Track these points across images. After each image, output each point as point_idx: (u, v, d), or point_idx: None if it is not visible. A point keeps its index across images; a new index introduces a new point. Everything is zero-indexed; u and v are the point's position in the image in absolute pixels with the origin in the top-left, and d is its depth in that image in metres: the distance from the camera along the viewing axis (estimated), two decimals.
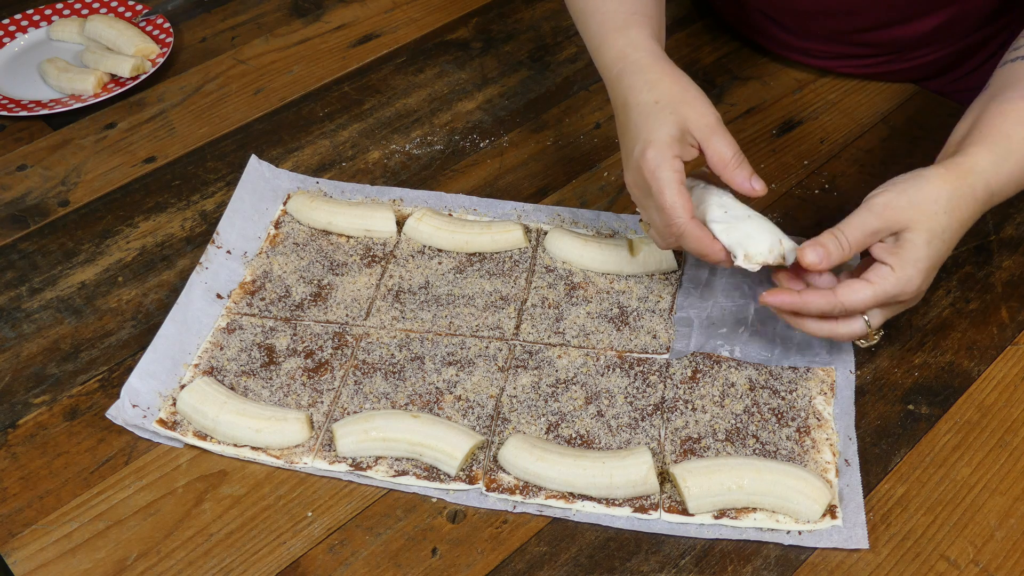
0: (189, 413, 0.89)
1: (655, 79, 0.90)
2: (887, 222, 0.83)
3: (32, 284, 1.04)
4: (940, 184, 0.84)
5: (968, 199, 0.84)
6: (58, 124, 1.23)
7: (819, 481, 0.81)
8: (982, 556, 0.79)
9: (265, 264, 1.03)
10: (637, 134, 0.89)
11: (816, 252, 0.83)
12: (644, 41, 0.94)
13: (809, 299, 0.83)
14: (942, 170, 0.85)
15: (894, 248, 0.83)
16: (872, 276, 0.83)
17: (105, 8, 1.38)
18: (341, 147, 1.18)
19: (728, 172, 0.88)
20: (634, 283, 1.00)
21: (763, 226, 0.87)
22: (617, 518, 0.82)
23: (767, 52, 1.26)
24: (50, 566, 0.81)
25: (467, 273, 1.01)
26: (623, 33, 0.94)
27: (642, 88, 0.90)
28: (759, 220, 0.88)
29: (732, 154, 0.88)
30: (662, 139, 0.87)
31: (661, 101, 0.89)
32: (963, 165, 0.85)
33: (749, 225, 0.87)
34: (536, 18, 1.36)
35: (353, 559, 0.81)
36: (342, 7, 1.39)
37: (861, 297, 0.82)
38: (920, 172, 0.85)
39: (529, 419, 0.89)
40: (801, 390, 0.90)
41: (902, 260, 0.82)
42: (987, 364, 0.92)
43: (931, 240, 0.82)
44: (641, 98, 0.90)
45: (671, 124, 0.87)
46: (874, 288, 0.82)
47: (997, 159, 0.86)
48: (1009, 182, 0.87)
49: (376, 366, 0.93)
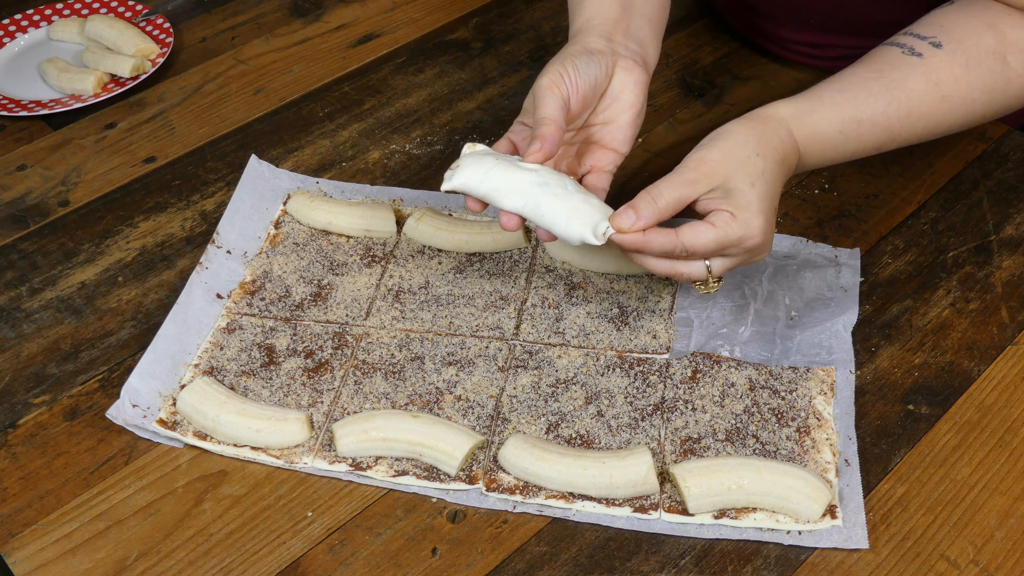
0: (189, 413, 0.89)
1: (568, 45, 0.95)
2: (703, 174, 0.84)
3: (32, 284, 1.04)
4: (744, 131, 0.87)
5: (776, 141, 0.87)
6: (58, 124, 1.23)
7: (819, 481, 0.81)
8: (982, 556, 0.79)
9: (265, 264, 1.03)
10: None
11: (627, 216, 0.83)
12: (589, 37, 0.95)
13: (652, 238, 0.84)
14: (743, 119, 0.88)
15: (725, 198, 0.84)
16: (713, 219, 0.84)
17: (105, 8, 1.38)
18: (341, 147, 1.18)
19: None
20: (634, 283, 1.00)
21: (483, 163, 0.86)
22: (617, 518, 0.82)
23: (767, 52, 1.26)
24: (50, 566, 0.81)
25: (467, 273, 1.01)
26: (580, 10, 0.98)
27: None
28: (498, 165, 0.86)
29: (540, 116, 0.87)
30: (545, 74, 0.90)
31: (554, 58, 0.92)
32: (761, 114, 0.89)
33: (486, 159, 0.87)
34: (536, 18, 1.36)
35: (353, 559, 0.81)
36: (342, 7, 1.39)
37: (703, 240, 0.83)
38: (723, 126, 0.88)
39: (529, 419, 0.89)
40: (801, 390, 0.90)
41: (736, 204, 0.84)
42: (987, 364, 0.92)
43: (754, 182, 0.84)
44: None
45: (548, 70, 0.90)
46: (716, 231, 0.83)
47: (799, 112, 0.90)
48: (815, 139, 0.90)
49: (376, 366, 0.93)
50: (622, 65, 0.93)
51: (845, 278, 0.99)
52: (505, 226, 0.87)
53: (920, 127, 0.93)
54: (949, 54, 0.91)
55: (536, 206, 0.85)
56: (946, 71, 0.91)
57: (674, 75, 1.25)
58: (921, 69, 0.91)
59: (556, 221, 0.85)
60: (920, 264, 1.01)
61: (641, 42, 0.97)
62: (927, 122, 0.93)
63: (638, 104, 0.93)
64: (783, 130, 0.88)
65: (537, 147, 0.85)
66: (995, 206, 1.06)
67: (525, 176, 0.86)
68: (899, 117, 0.92)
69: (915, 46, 0.92)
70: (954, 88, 0.91)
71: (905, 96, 0.91)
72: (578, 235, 0.85)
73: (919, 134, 0.94)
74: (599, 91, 0.92)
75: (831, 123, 0.90)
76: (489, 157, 0.87)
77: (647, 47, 0.97)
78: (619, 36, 0.95)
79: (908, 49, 0.92)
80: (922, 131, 0.93)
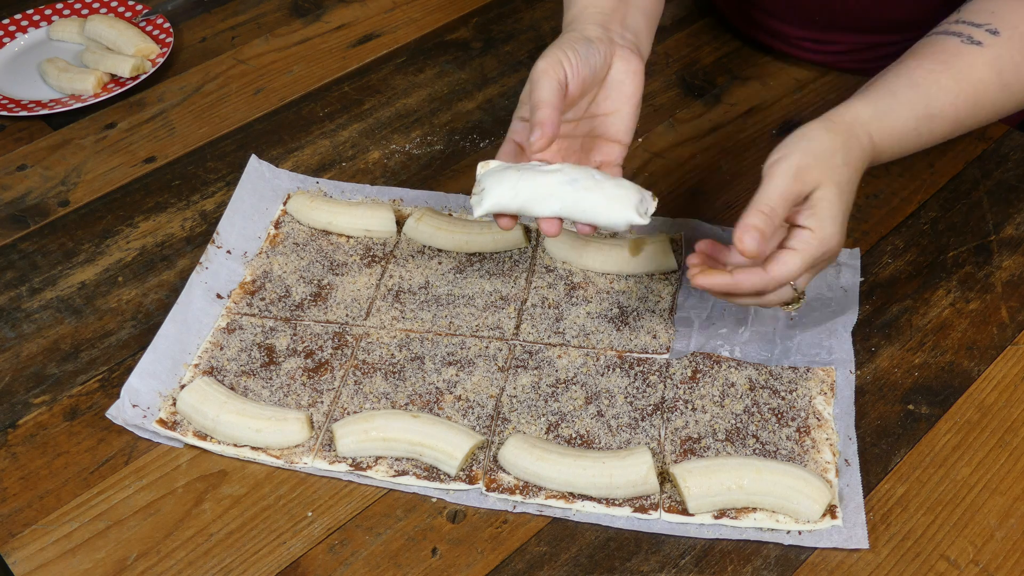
0: (189, 413, 0.89)
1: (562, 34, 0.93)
2: (804, 184, 0.83)
3: (32, 284, 1.04)
4: (831, 139, 0.85)
5: (857, 150, 0.87)
6: (58, 124, 1.23)
7: (819, 481, 0.81)
8: (982, 556, 0.79)
9: (265, 264, 1.03)
10: None
11: (753, 237, 0.80)
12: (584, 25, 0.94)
13: (741, 280, 0.82)
14: (828, 124, 0.87)
15: (807, 210, 0.83)
16: (796, 244, 0.83)
17: (105, 8, 1.38)
18: (341, 147, 1.18)
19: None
20: (634, 283, 1.00)
21: (512, 180, 0.85)
22: (617, 518, 0.82)
23: (768, 51, 1.26)
24: (50, 566, 0.81)
25: (467, 273, 1.01)
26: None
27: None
28: (522, 177, 0.85)
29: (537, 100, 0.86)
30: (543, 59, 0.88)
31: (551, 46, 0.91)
32: (845, 117, 0.88)
33: (508, 174, 0.85)
34: (536, 18, 1.36)
35: (353, 559, 0.81)
36: (342, 7, 1.39)
37: (791, 267, 0.82)
38: (807, 132, 0.86)
39: (529, 419, 0.89)
40: (801, 390, 0.90)
41: (820, 219, 0.82)
42: (987, 364, 0.92)
43: (840, 194, 0.84)
44: None
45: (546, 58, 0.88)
46: (801, 255, 0.82)
47: (878, 113, 0.89)
48: (892, 137, 0.90)
49: (376, 366, 0.93)
50: (620, 55, 0.92)
51: (845, 278, 0.99)
52: (548, 232, 0.85)
53: (983, 115, 0.94)
54: (1007, 40, 0.92)
55: (574, 204, 0.84)
56: (1007, 58, 0.92)
57: (674, 75, 1.25)
58: (983, 58, 0.92)
59: (597, 213, 0.84)
60: (920, 264, 1.01)
61: (636, 33, 0.96)
62: (990, 110, 0.94)
63: (638, 95, 0.93)
64: (864, 136, 0.88)
65: (537, 135, 0.84)
66: (995, 206, 1.06)
67: (552, 178, 0.84)
68: (967, 107, 0.92)
69: (972, 34, 0.93)
70: (1015, 75, 0.93)
71: (971, 87, 0.92)
72: (624, 219, 0.84)
73: (982, 121, 0.95)
74: (598, 78, 0.91)
75: (907, 121, 0.90)
76: (509, 171, 0.86)
77: (641, 39, 0.97)
78: (616, 26, 0.94)
79: (966, 38, 0.92)
80: (984, 118, 0.95)
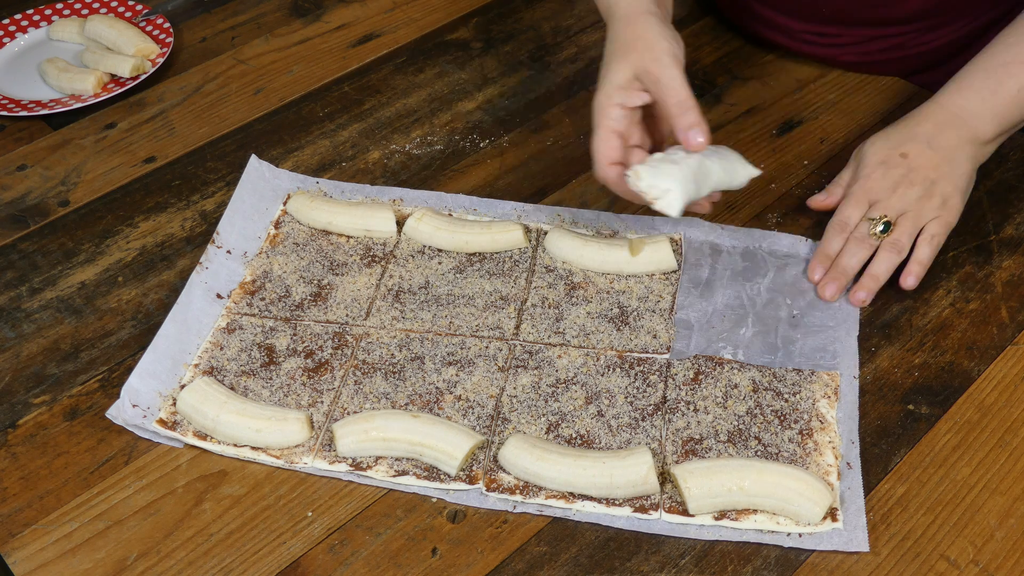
0: (189, 413, 0.89)
1: (620, 29, 0.95)
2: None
3: (32, 284, 1.04)
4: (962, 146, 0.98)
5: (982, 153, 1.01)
6: (58, 124, 1.23)
7: (820, 483, 0.81)
8: (982, 556, 0.79)
9: (265, 264, 1.03)
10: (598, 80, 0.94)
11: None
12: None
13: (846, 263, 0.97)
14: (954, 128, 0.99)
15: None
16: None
17: (105, 8, 1.38)
18: (341, 147, 1.18)
19: (670, 121, 0.91)
20: (634, 283, 1.00)
21: (673, 172, 0.89)
22: (617, 518, 0.82)
23: (769, 50, 1.26)
24: (50, 566, 0.81)
25: (467, 273, 1.01)
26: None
27: (609, 39, 0.95)
28: (680, 168, 0.89)
29: (673, 102, 0.90)
30: (606, 87, 0.92)
31: (616, 51, 0.93)
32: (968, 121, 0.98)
33: (666, 165, 0.89)
34: (536, 18, 1.36)
35: (353, 559, 0.81)
36: (342, 7, 1.39)
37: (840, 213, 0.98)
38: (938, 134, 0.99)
39: (529, 419, 0.89)
40: (805, 393, 0.90)
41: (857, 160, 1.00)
42: (987, 364, 0.92)
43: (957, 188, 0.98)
44: (608, 47, 0.95)
45: (618, 71, 0.92)
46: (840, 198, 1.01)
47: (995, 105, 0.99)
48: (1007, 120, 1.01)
49: (376, 366, 0.93)
50: None
51: None
52: (712, 202, 0.95)
53: None
54: None
55: (719, 177, 0.93)
56: None
57: None
58: None
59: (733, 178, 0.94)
60: None
61: (669, 13, 1.01)
62: None
63: None
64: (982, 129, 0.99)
65: (702, 137, 0.89)
66: (995, 206, 1.06)
67: (695, 160, 0.91)
68: None
69: None
70: None
71: None
72: (750, 174, 0.96)
73: None
74: None
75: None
76: (664, 165, 0.90)
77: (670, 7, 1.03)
78: (663, 9, 0.98)
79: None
80: None
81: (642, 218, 1.06)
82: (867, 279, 0.96)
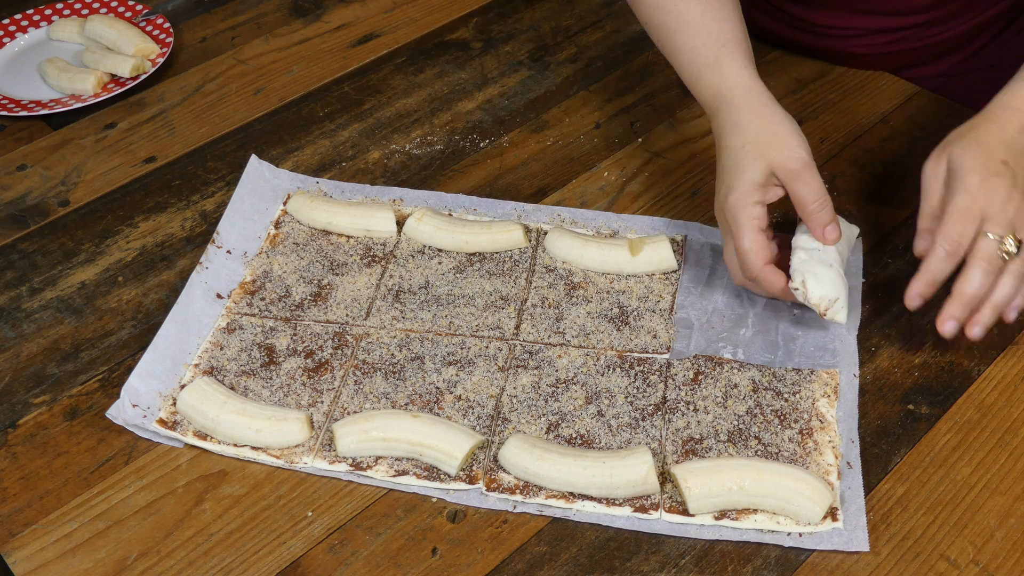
0: (189, 413, 0.89)
1: (745, 120, 0.92)
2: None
3: (32, 284, 1.04)
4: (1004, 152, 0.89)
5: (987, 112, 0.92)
6: (58, 124, 1.23)
7: (820, 483, 0.81)
8: (982, 556, 0.79)
9: (265, 264, 1.03)
10: (724, 177, 0.92)
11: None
12: (737, 76, 0.95)
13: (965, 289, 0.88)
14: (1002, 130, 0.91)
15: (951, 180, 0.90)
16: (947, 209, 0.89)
17: (105, 8, 1.38)
18: (341, 147, 1.18)
19: (806, 216, 0.90)
20: (634, 283, 1.00)
21: (833, 278, 0.90)
22: (617, 518, 0.82)
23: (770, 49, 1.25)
24: (50, 566, 0.81)
25: (467, 273, 1.01)
26: (716, 70, 0.96)
27: (732, 130, 0.93)
28: (835, 272, 0.90)
29: (812, 199, 0.90)
30: (744, 185, 0.89)
31: (747, 145, 0.91)
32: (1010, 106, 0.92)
33: (823, 270, 0.90)
34: (536, 18, 1.36)
35: (353, 559, 0.81)
36: (342, 7, 1.39)
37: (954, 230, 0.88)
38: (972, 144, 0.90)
39: (529, 419, 0.89)
40: (805, 392, 0.90)
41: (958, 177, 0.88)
42: (987, 364, 0.92)
43: (969, 144, 0.90)
44: (731, 141, 0.92)
45: (755, 169, 0.90)
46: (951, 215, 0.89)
47: None
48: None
49: (376, 366, 0.93)
50: None
51: (847, 278, 0.98)
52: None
53: None
54: None
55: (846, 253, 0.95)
56: None
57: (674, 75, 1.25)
58: None
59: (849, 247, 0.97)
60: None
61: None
62: None
63: None
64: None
65: (837, 233, 0.91)
66: None
67: (834, 253, 0.92)
68: None
69: None
70: None
71: None
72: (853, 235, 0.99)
73: None
74: None
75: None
76: (821, 267, 0.90)
77: None
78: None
79: None
80: None
81: (642, 218, 1.06)
82: (989, 310, 0.87)
